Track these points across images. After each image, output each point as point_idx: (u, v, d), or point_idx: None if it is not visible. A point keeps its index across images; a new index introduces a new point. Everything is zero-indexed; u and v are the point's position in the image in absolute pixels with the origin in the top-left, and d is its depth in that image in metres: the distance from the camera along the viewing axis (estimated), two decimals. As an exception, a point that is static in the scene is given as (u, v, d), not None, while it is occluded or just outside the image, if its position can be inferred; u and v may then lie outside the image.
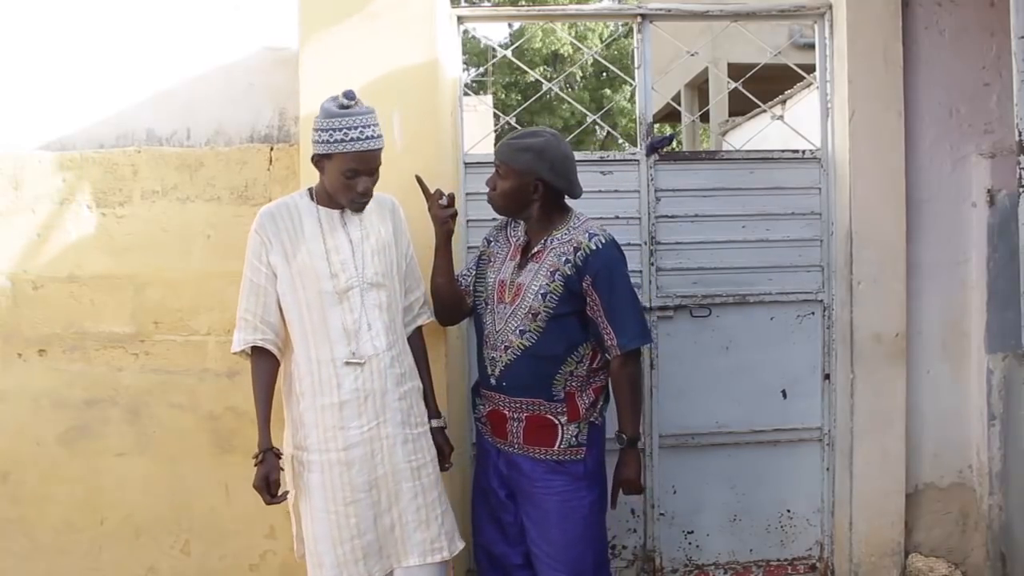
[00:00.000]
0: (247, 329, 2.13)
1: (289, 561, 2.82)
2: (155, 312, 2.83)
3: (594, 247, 2.18)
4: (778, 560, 3.07)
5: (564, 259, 2.18)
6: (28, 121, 2.90)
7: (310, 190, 2.18)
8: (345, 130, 2.01)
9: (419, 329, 2.31)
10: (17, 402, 2.84)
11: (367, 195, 2.10)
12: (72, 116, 2.90)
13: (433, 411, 2.28)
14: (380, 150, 2.07)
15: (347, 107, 2.03)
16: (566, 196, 2.27)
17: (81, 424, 2.84)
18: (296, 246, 2.10)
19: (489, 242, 2.38)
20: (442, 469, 2.26)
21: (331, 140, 2.01)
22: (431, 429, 2.24)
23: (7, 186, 2.83)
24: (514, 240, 2.31)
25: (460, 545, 2.21)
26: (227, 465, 2.83)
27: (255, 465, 2.08)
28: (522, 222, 2.30)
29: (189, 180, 2.83)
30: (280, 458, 2.11)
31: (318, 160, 2.08)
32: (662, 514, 3.02)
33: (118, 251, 2.83)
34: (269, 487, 2.07)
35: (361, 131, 2.02)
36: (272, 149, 2.83)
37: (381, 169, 2.12)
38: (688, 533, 3.04)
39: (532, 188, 2.19)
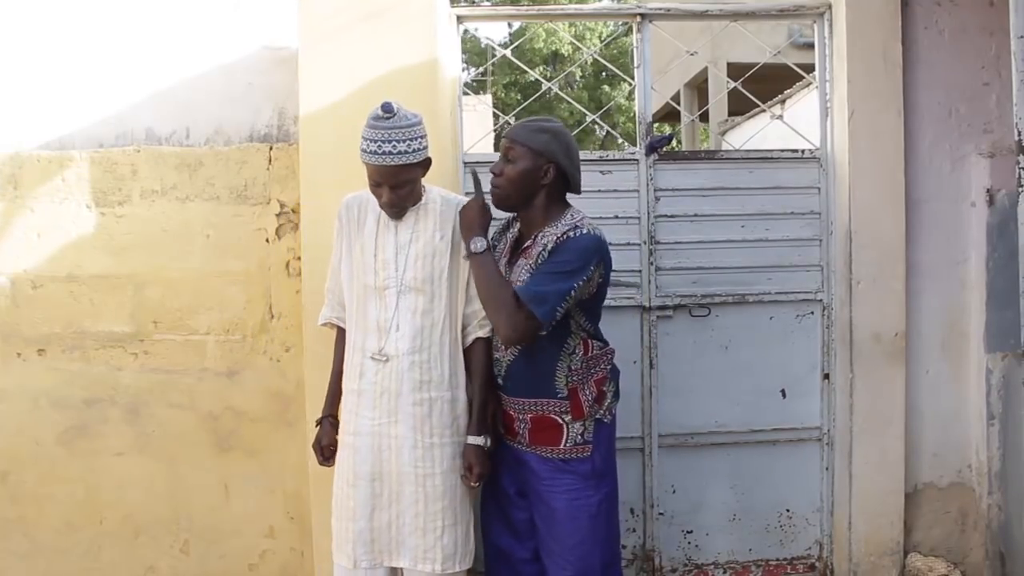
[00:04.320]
0: (328, 306, 2.31)
1: (289, 561, 2.83)
2: (154, 311, 2.83)
3: (571, 235, 2.10)
4: (777, 560, 3.07)
5: (546, 251, 2.12)
6: (27, 121, 2.90)
7: None
8: (367, 141, 2.05)
9: (482, 342, 2.23)
10: (16, 402, 2.84)
11: (392, 206, 2.12)
12: (71, 116, 2.90)
13: (474, 427, 2.19)
14: (399, 166, 2.05)
15: (381, 118, 2.04)
16: (567, 194, 2.24)
17: (80, 424, 2.84)
18: (356, 237, 2.21)
19: (493, 247, 2.33)
20: (466, 484, 2.19)
21: (360, 149, 2.07)
22: (466, 445, 2.18)
23: (7, 185, 2.83)
24: (510, 237, 2.30)
25: (457, 567, 2.16)
26: (226, 465, 2.83)
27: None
28: (519, 221, 2.28)
29: (188, 179, 2.83)
30: (337, 426, 2.25)
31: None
32: (661, 513, 3.02)
33: (117, 250, 2.83)
34: (322, 451, 2.26)
35: (380, 145, 2.03)
36: (271, 149, 2.83)
37: None
38: (687, 533, 3.04)
39: (543, 173, 2.16)
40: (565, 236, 2.11)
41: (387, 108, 2.05)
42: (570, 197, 2.28)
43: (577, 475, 2.20)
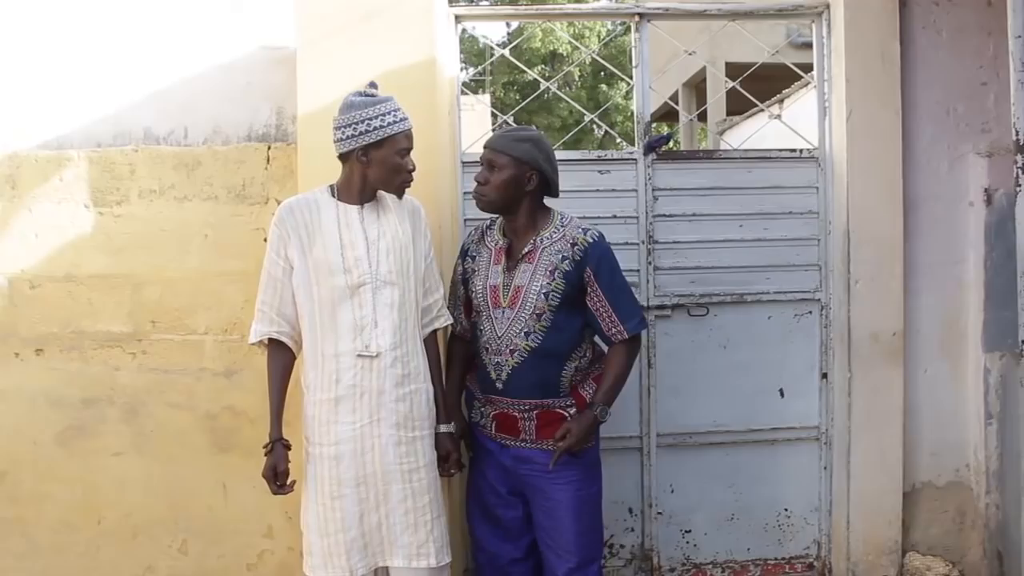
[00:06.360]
0: (263, 321, 2.16)
1: (287, 560, 2.83)
2: (153, 311, 2.83)
3: (591, 240, 2.24)
4: (775, 559, 3.08)
5: (561, 256, 2.21)
6: (26, 120, 2.89)
7: (331, 186, 2.19)
8: (392, 112, 2.08)
9: (435, 333, 2.30)
10: (14, 402, 2.84)
11: (414, 170, 2.15)
12: (69, 115, 2.89)
13: (443, 415, 2.26)
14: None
15: (376, 95, 2.10)
16: (545, 198, 2.31)
17: (78, 424, 2.84)
18: (312, 240, 2.12)
19: (473, 258, 2.36)
20: (446, 474, 2.25)
21: (382, 125, 2.06)
22: (439, 434, 2.24)
23: (4, 185, 2.83)
24: (492, 244, 2.32)
25: (448, 559, 2.19)
26: (225, 464, 2.83)
27: (265, 455, 2.13)
28: (495, 227, 2.32)
29: (187, 179, 2.83)
30: (289, 449, 2.15)
31: (362, 152, 2.08)
32: (660, 513, 3.02)
33: (115, 250, 2.83)
34: (276, 477, 2.11)
35: (403, 111, 2.11)
36: (270, 148, 2.83)
37: None
38: (686, 532, 3.05)
39: (527, 179, 2.22)
40: (584, 243, 2.22)
41: (374, 85, 2.12)
42: (564, 198, 2.34)
43: (582, 465, 2.26)
